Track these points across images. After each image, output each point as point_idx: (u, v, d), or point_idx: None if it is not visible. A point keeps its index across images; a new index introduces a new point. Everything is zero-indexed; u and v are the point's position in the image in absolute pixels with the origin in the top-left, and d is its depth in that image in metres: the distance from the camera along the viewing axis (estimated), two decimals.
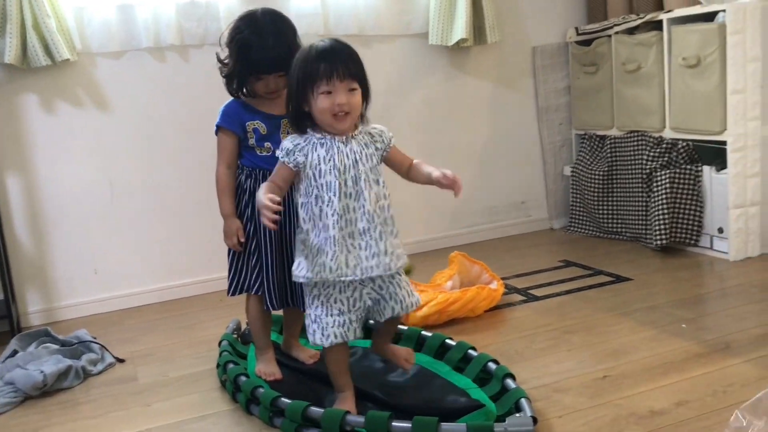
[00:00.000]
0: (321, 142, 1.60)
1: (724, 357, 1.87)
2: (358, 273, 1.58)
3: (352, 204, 1.58)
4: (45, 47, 2.53)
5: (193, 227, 2.88)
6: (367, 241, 1.59)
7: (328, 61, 1.55)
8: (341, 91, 1.55)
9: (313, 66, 1.55)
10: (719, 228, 2.79)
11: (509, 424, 1.45)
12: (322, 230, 1.58)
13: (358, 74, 1.58)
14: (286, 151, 1.61)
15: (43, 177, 2.68)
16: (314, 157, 1.59)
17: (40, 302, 2.73)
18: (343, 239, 1.57)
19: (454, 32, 3.11)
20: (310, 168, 1.59)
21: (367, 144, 1.64)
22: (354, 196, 1.58)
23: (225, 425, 1.74)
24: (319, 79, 1.54)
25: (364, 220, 1.58)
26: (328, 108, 1.55)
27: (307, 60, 1.57)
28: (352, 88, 1.57)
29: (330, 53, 1.56)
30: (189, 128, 2.84)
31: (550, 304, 2.45)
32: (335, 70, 1.54)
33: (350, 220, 1.58)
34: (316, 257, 1.58)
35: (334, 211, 1.57)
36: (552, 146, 3.52)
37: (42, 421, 1.86)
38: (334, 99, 1.55)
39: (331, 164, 1.58)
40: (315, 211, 1.59)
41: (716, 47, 2.65)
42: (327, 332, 1.61)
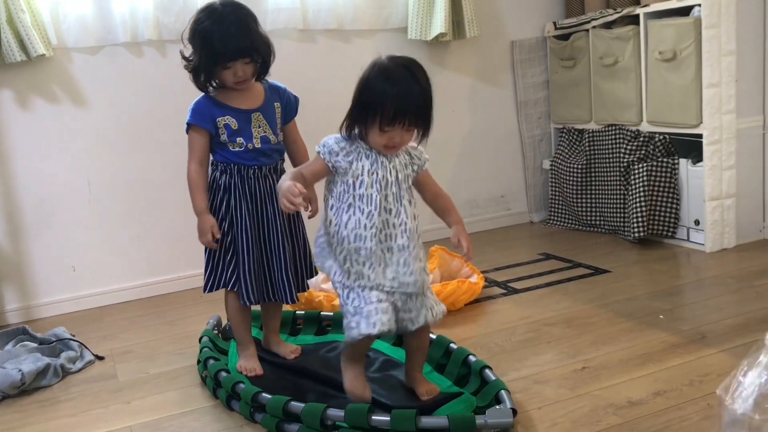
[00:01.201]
0: (367, 154, 1.58)
1: (700, 347, 1.90)
2: (396, 285, 1.58)
3: (392, 220, 1.59)
4: (20, 42, 2.50)
5: (172, 223, 2.86)
6: (405, 258, 1.59)
7: (399, 106, 1.50)
8: (398, 132, 1.54)
9: (385, 102, 1.50)
10: (696, 220, 2.82)
11: (489, 415, 1.46)
12: (352, 239, 1.57)
13: (423, 119, 1.56)
14: (329, 149, 1.58)
15: (19, 174, 2.65)
16: (358, 166, 1.57)
17: (17, 300, 2.71)
18: (382, 252, 1.58)
19: (433, 27, 3.12)
20: (353, 176, 1.57)
21: (407, 164, 1.63)
22: (394, 213, 1.59)
23: (206, 421, 1.74)
24: (384, 119, 1.51)
25: (404, 237, 1.59)
26: (381, 143, 1.55)
27: (381, 91, 1.51)
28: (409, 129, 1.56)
29: (405, 98, 1.51)
30: (167, 124, 2.82)
31: (529, 296, 2.46)
32: (400, 119, 1.52)
33: (389, 235, 1.58)
34: (346, 264, 1.59)
35: (373, 224, 1.56)
36: (531, 140, 3.54)
37: (20, 420, 1.84)
38: (390, 136, 1.54)
39: (374, 177, 1.57)
40: (344, 217, 1.58)
41: (692, 41, 2.68)
42: (372, 319, 1.54)
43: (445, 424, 1.46)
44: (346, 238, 1.58)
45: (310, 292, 2.34)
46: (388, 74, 1.53)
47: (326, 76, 3.02)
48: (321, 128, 2.91)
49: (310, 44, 3.03)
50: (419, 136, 1.59)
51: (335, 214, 1.60)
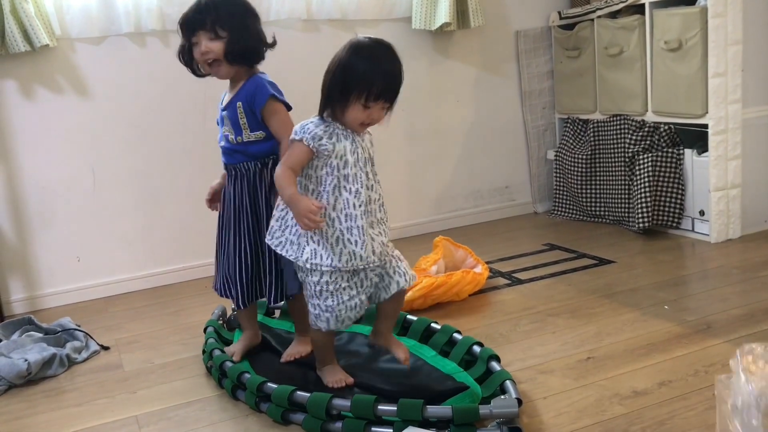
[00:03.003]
0: (344, 134, 1.61)
1: (705, 337, 1.90)
2: (382, 258, 1.65)
3: (373, 195, 1.64)
4: (23, 33, 2.50)
5: (177, 213, 2.87)
6: (383, 229, 1.67)
7: (386, 82, 1.57)
8: (377, 109, 1.59)
9: (371, 80, 1.55)
10: (701, 210, 2.82)
11: (494, 405, 1.46)
12: (343, 219, 1.60)
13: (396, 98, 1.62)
14: (312, 135, 1.59)
15: (23, 164, 2.66)
16: (341, 147, 1.60)
17: (22, 290, 2.71)
18: (367, 229, 1.61)
19: (437, 16, 3.10)
20: (336, 158, 1.60)
21: (370, 142, 1.69)
22: (373, 188, 1.65)
23: (211, 411, 1.74)
24: (370, 95, 1.55)
25: (382, 211, 1.67)
26: (360, 119, 1.59)
27: (367, 70, 1.55)
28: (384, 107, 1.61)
29: (390, 76, 1.58)
30: (171, 114, 2.82)
31: (534, 287, 2.46)
32: (385, 97, 1.58)
33: (371, 210, 1.64)
34: (338, 246, 1.60)
35: (361, 202, 1.60)
36: (535, 130, 3.53)
37: (27, 409, 1.85)
38: (370, 113, 1.58)
39: (356, 156, 1.61)
40: (331, 199, 1.60)
41: (698, 30, 2.67)
42: (341, 317, 1.65)
43: (449, 414, 1.46)
44: (336, 220, 1.60)
45: None
46: (374, 53, 1.58)
47: None
48: None
49: (314, 34, 3.02)
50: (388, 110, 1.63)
51: (320, 198, 1.61)
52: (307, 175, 1.63)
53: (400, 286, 1.69)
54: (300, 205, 1.56)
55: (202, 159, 2.83)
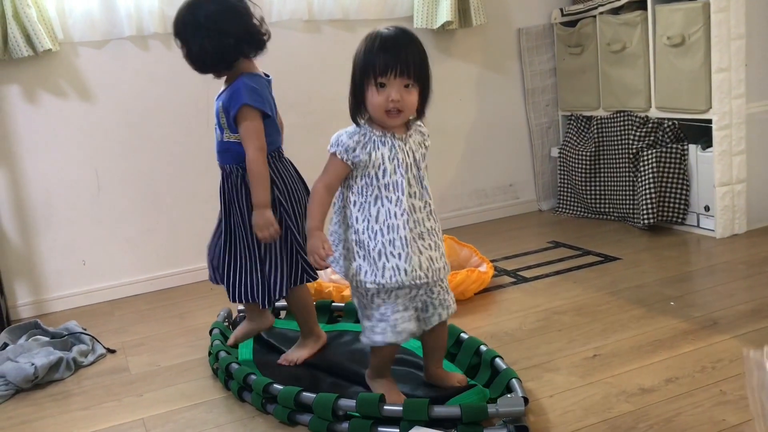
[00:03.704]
0: (382, 141, 1.52)
1: (712, 333, 1.89)
2: (431, 275, 1.54)
3: (417, 203, 1.54)
4: (26, 37, 2.50)
5: (181, 216, 2.87)
6: (436, 241, 1.57)
7: (387, 53, 1.47)
8: (395, 87, 1.48)
9: (372, 56, 1.48)
10: (706, 206, 2.81)
11: (501, 404, 1.45)
12: (385, 231, 1.51)
13: (417, 71, 1.49)
14: (344, 147, 1.52)
15: (28, 169, 2.66)
16: (377, 155, 1.51)
17: (28, 295, 2.72)
18: (414, 240, 1.52)
19: (439, 15, 3.10)
20: (373, 167, 1.52)
21: (420, 143, 1.59)
22: (418, 195, 1.55)
23: (218, 413, 1.74)
24: (375, 72, 1.47)
25: (432, 220, 1.57)
26: (380, 104, 1.48)
27: (367, 49, 1.50)
28: (407, 84, 1.49)
29: (391, 45, 1.48)
30: (174, 117, 2.82)
31: (539, 285, 2.46)
32: (392, 66, 1.47)
33: (418, 220, 1.54)
34: (381, 260, 1.51)
35: (403, 211, 1.51)
36: (539, 128, 3.52)
37: (34, 413, 1.85)
38: (388, 94, 1.48)
39: (395, 163, 1.52)
40: (373, 211, 1.52)
41: (701, 26, 2.66)
42: (399, 328, 1.54)
43: (457, 413, 1.46)
44: (379, 232, 1.52)
45: (319, 283, 2.34)
46: (374, 35, 1.51)
47: (332, 67, 3.01)
48: (326, 118, 2.93)
49: (315, 35, 3.02)
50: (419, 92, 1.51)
51: (360, 210, 1.54)
52: (348, 185, 1.56)
53: (441, 318, 1.61)
54: (312, 242, 1.51)
55: (205, 161, 2.82)
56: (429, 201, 1.57)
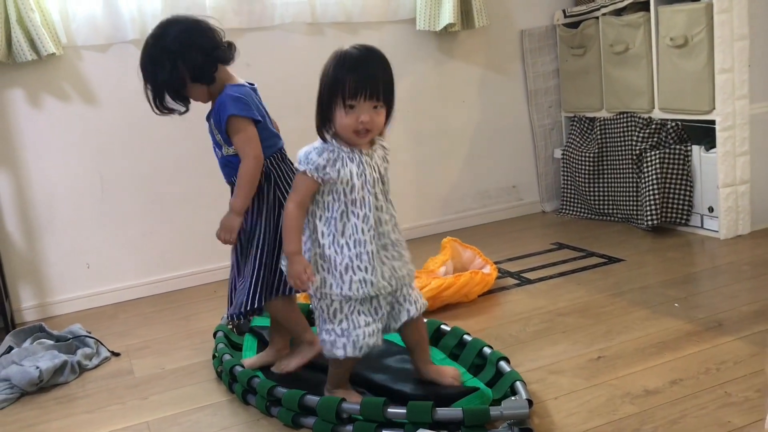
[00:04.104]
0: (350, 157, 1.54)
1: (716, 335, 1.89)
2: (394, 283, 1.59)
3: (384, 216, 1.58)
4: (30, 42, 2.51)
5: (185, 219, 2.88)
6: (399, 251, 1.61)
7: (356, 74, 1.48)
8: (365, 109, 1.50)
9: (341, 77, 1.49)
10: (709, 207, 2.80)
11: (505, 407, 1.45)
12: (352, 245, 1.54)
13: (386, 93, 1.52)
14: (315, 166, 1.53)
15: (32, 172, 2.67)
16: (346, 172, 1.53)
17: (33, 298, 2.73)
18: (377, 252, 1.56)
19: (441, 17, 3.10)
20: (341, 183, 1.54)
21: (383, 158, 1.62)
22: (384, 209, 1.58)
23: (222, 416, 1.74)
24: (345, 93, 1.48)
25: (396, 232, 1.61)
26: (349, 125, 1.50)
27: (336, 68, 1.50)
28: (376, 105, 1.51)
29: (361, 66, 1.50)
30: (177, 120, 2.81)
31: (543, 286, 2.46)
32: (361, 89, 1.48)
33: (383, 232, 1.57)
34: (348, 273, 1.54)
35: (370, 227, 1.54)
36: (542, 129, 3.52)
37: (39, 416, 1.86)
38: (357, 116, 1.50)
39: (363, 179, 1.54)
40: (339, 226, 1.55)
41: (703, 26, 2.66)
42: (360, 344, 1.57)
43: (459, 415, 1.46)
44: (345, 246, 1.55)
45: None
46: (344, 53, 1.52)
47: None
48: None
49: (318, 37, 3.03)
50: (385, 112, 1.54)
51: (326, 224, 1.56)
52: (315, 200, 1.58)
53: (410, 314, 1.63)
54: (294, 267, 1.54)
55: (209, 164, 2.82)
56: (393, 214, 1.61)
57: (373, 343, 1.59)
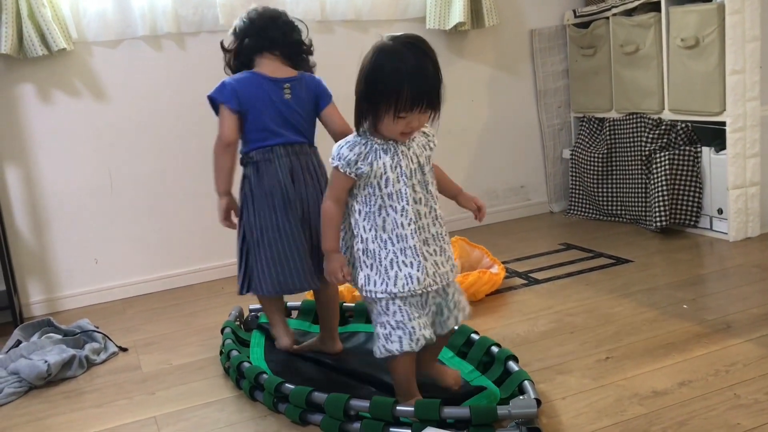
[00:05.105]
0: (384, 149, 1.48)
1: (725, 337, 1.88)
2: (438, 280, 1.53)
3: (423, 209, 1.52)
4: (41, 37, 2.52)
5: (193, 215, 2.88)
6: (441, 246, 1.55)
7: (412, 86, 1.40)
8: (416, 118, 1.45)
9: (395, 86, 1.40)
10: (719, 209, 2.79)
11: (513, 406, 1.45)
12: (395, 240, 1.49)
13: (438, 99, 1.46)
14: (347, 161, 1.48)
15: (42, 167, 2.68)
16: (379, 165, 1.48)
17: (41, 292, 2.74)
18: (420, 247, 1.50)
19: (451, 16, 3.10)
20: (375, 177, 1.48)
21: (424, 145, 1.55)
22: (423, 201, 1.52)
23: (229, 412, 1.75)
24: (399, 106, 1.41)
25: (437, 225, 1.54)
26: (397, 130, 1.46)
27: (390, 73, 1.41)
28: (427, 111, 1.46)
29: (418, 76, 1.41)
30: (186, 116, 2.83)
31: (551, 287, 2.45)
32: (418, 103, 1.42)
33: (423, 226, 1.52)
34: (393, 269, 1.49)
35: (410, 220, 1.49)
36: (551, 129, 3.51)
37: (47, 410, 1.86)
38: (407, 123, 1.45)
39: (398, 171, 1.48)
40: (378, 221, 1.50)
41: (715, 27, 2.64)
42: (416, 335, 1.50)
43: (467, 414, 1.46)
44: (389, 241, 1.49)
45: None
46: (399, 56, 1.42)
47: (344, 67, 2.98)
48: None
49: (328, 35, 3.03)
50: (432, 116, 1.49)
51: (366, 219, 1.51)
52: (353, 194, 1.53)
53: (458, 321, 1.59)
54: (330, 264, 1.53)
55: None
56: (434, 206, 1.54)
57: (429, 336, 1.53)
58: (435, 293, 1.56)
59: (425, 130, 1.57)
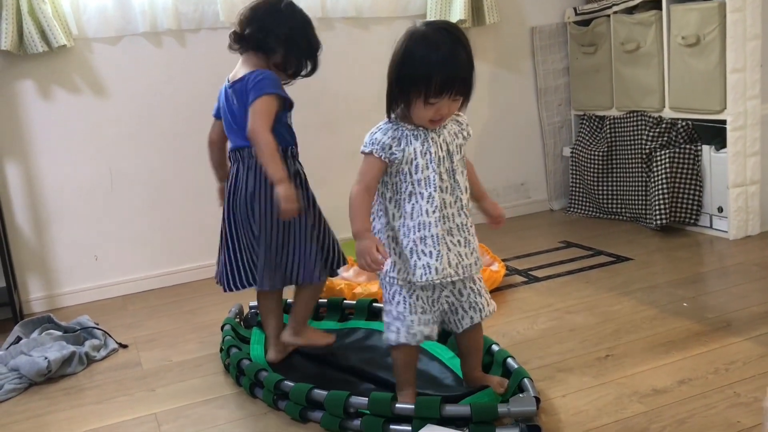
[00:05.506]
0: (414, 134, 1.48)
1: (725, 335, 1.88)
2: (461, 272, 1.51)
3: (448, 198, 1.50)
4: (41, 33, 2.51)
5: (193, 212, 2.88)
6: (466, 237, 1.52)
7: (444, 71, 1.40)
8: (446, 104, 1.44)
9: (426, 71, 1.40)
10: (719, 207, 2.79)
11: (513, 404, 1.45)
12: (418, 228, 1.47)
13: (470, 85, 1.46)
14: (381, 145, 1.46)
15: (42, 164, 2.68)
16: (410, 151, 1.47)
17: (41, 289, 2.73)
18: (443, 237, 1.48)
19: (452, 13, 3.09)
20: (406, 163, 1.47)
21: (456, 134, 1.54)
22: (450, 190, 1.50)
23: (230, 409, 1.75)
24: (430, 91, 1.41)
25: (462, 215, 1.52)
26: (427, 116, 1.45)
27: (421, 58, 1.41)
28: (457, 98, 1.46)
29: (449, 61, 1.40)
30: (187, 113, 2.83)
31: (551, 284, 2.45)
32: (448, 89, 1.41)
33: (448, 215, 1.50)
34: (413, 258, 1.48)
35: (435, 208, 1.47)
36: (551, 127, 3.51)
37: (47, 407, 1.86)
38: (437, 109, 1.44)
39: (428, 158, 1.47)
40: (408, 208, 1.49)
41: (716, 26, 2.64)
42: (413, 330, 1.51)
43: (467, 412, 1.46)
44: (413, 229, 1.48)
45: (330, 280, 2.34)
46: (431, 41, 1.41)
47: (345, 64, 3.01)
48: (339, 116, 2.92)
49: (328, 32, 3.02)
50: (462, 102, 1.49)
51: (396, 206, 1.51)
52: (383, 182, 1.51)
53: (473, 321, 1.57)
54: (362, 244, 1.44)
55: None
56: (461, 196, 1.52)
57: (429, 333, 1.53)
58: (449, 292, 1.55)
59: (458, 119, 1.57)
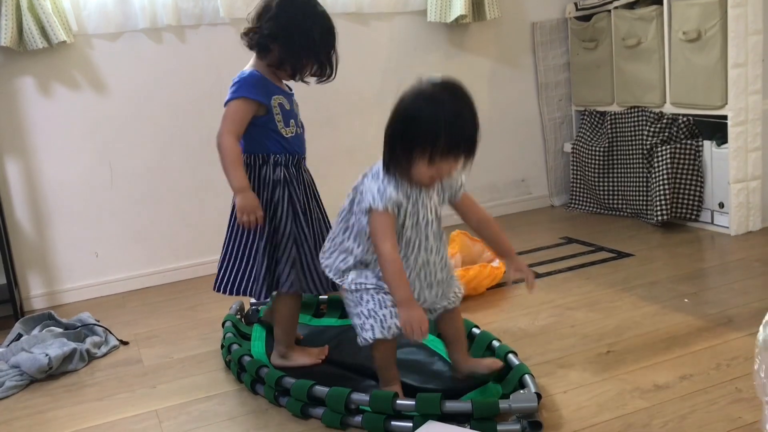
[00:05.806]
0: (407, 194, 1.50)
1: (726, 331, 1.88)
2: (428, 305, 1.61)
3: (432, 258, 1.57)
4: (41, 29, 2.51)
5: (194, 208, 2.88)
6: (444, 290, 1.62)
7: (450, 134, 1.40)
8: (449, 166, 1.45)
9: (432, 131, 1.40)
10: (720, 203, 2.79)
11: (514, 400, 1.45)
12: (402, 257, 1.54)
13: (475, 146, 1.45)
14: (393, 201, 1.48)
15: (42, 160, 2.67)
16: (404, 207, 1.51)
17: (42, 286, 2.73)
18: (420, 286, 1.57)
19: (452, 9, 3.09)
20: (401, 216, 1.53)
21: (440, 190, 1.57)
22: (434, 251, 1.57)
23: (231, 405, 1.75)
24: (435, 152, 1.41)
25: (444, 272, 1.60)
26: (429, 176, 1.46)
27: (428, 118, 1.40)
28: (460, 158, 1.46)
29: (456, 123, 1.41)
30: (187, 109, 2.82)
31: (552, 281, 2.45)
32: (454, 153, 1.42)
33: (429, 272, 1.57)
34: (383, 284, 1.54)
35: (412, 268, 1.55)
36: (552, 123, 3.51)
37: (48, 404, 1.86)
38: (439, 169, 1.45)
39: (414, 220, 1.52)
40: None
41: (717, 21, 2.63)
42: (387, 323, 1.53)
43: (468, 408, 1.46)
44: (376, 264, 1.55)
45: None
46: (438, 101, 1.41)
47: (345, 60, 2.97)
48: (339, 113, 2.92)
49: None
50: (465, 162, 1.48)
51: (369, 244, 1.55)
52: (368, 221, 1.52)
53: (446, 308, 1.65)
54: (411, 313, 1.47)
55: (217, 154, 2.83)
56: (444, 254, 1.59)
57: None
58: None
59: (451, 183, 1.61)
